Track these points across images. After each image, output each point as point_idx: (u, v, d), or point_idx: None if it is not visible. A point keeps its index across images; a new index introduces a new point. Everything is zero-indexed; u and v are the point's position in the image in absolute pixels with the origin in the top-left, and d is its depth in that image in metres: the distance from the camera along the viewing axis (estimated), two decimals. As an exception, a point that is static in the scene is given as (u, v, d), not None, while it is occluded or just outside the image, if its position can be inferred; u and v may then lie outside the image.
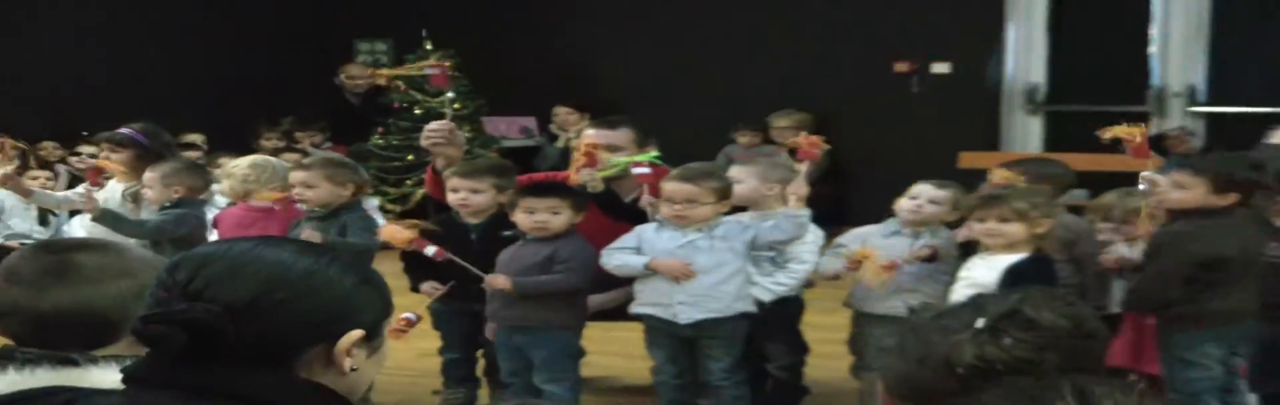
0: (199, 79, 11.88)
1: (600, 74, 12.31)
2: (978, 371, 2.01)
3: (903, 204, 5.56)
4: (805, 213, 5.35)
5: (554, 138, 11.55)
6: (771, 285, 5.54)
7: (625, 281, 5.58)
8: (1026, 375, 1.98)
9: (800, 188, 5.37)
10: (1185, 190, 5.11)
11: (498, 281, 5.29)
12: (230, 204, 6.45)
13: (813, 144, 5.68)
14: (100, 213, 6.15)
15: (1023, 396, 1.53)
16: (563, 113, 11.39)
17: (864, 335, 5.60)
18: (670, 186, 5.34)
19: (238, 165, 6.46)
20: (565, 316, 5.50)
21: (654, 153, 5.90)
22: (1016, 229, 4.93)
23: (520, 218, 5.38)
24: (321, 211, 5.88)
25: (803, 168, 5.63)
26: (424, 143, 5.94)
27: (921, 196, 5.51)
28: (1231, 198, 5.01)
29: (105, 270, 2.30)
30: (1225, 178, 5.03)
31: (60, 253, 2.37)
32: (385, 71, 5.90)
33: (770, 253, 5.58)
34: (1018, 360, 2.01)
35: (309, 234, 5.62)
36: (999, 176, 5.54)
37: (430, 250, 5.34)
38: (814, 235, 5.67)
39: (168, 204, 6.25)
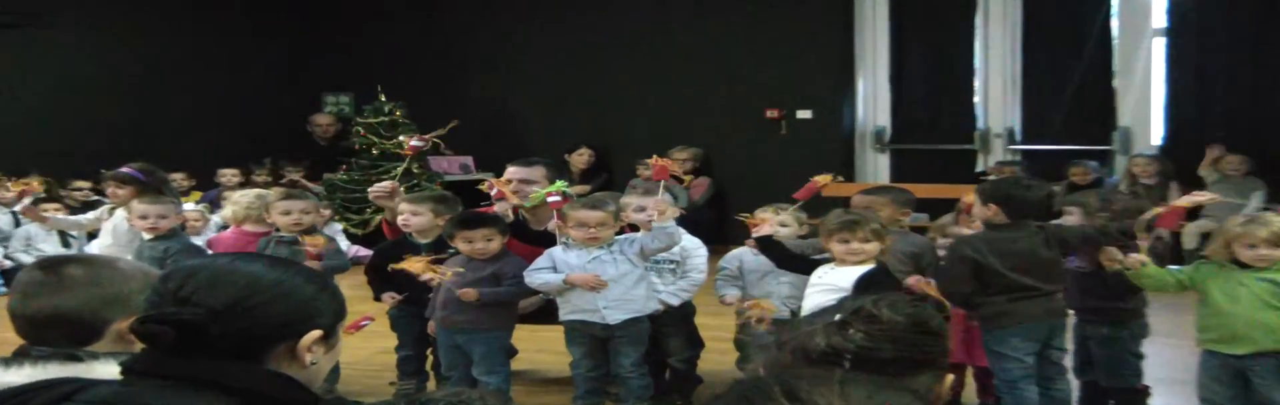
0: (188, 125, 11.78)
1: (524, 119, 12.31)
2: (827, 358, 2.00)
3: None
4: (669, 224, 5.26)
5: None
6: (677, 291, 5.59)
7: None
8: (871, 363, 1.97)
9: (661, 204, 5.27)
10: (980, 210, 5.17)
11: (470, 294, 5.29)
12: (222, 229, 6.35)
13: (665, 167, 5.56)
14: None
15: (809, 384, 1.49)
16: None
17: (748, 334, 5.58)
18: (584, 214, 5.33)
19: (246, 195, 6.42)
20: (501, 319, 5.52)
21: (561, 183, 5.88)
22: (873, 247, 4.89)
23: (463, 246, 5.40)
24: (290, 236, 5.84)
25: (660, 189, 5.53)
26: (371, 197, 6.01)
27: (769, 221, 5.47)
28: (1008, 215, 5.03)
29: (79, 281, 2.27)
30: (996, 198, 5.07)
31: (50, 267, 2.34)
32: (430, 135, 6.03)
33: (671, 265, 5.62)
34: (861, 349, 2.00)
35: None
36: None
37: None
38: (703, 249, 5.72)
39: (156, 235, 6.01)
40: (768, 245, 5.27)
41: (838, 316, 2.09)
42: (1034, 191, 5.13)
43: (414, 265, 5.20)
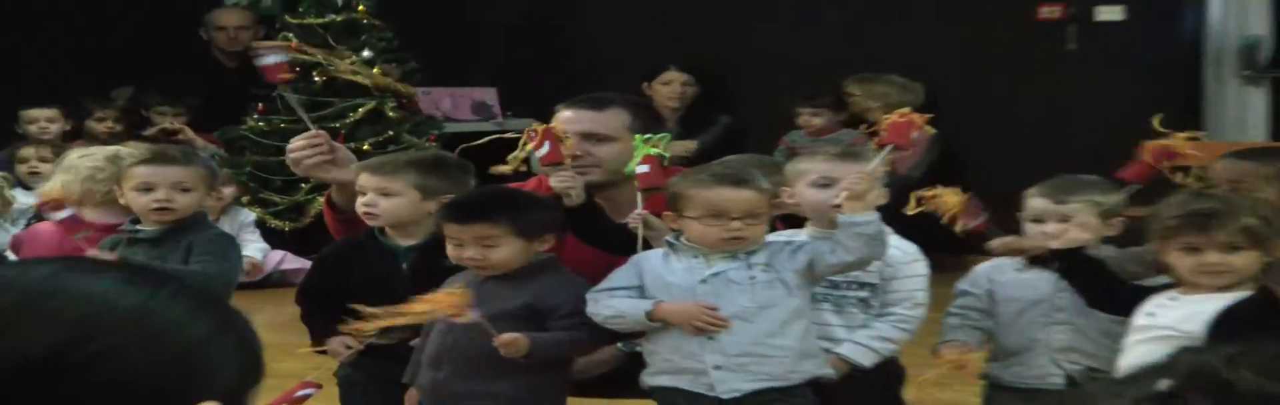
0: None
1: (591, 24, 12.38)
2: None
3: (1031, 229, 5.56)
4: (870, 218, 5.22)
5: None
6: (871, 341, 5.55)
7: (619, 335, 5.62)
8: None
9: (865, 178, 5.24)
10: None
11: (519, 344, 5.19)
12: (34, 219, 6.43)
13: (909, 124, 5.64)
14: None
15: None
16: None
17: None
18: (723, 195, 5.28)
19: (88, 156, 6.52)
20: (543, 390, 5.53)
21: (650, 143, 5.80)
22: (1248, 259, 4.85)
23: (451, 252, 5.41)
24: (152, 231, 5.94)
25: (879, 157, 5.55)
26: (292, 166, 6.07)
27: (1048, 217, 5.50)
28: None
29: None
30: None
31: None
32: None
33: (863, 290, 5.62)
34: None
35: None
36: None
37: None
38: (921, 263, 5.71)
39: None
40: (1075, 265, 5.25)
41: (1164, 383, 2.08)
42: None
43: (443, 301, 5.16)
